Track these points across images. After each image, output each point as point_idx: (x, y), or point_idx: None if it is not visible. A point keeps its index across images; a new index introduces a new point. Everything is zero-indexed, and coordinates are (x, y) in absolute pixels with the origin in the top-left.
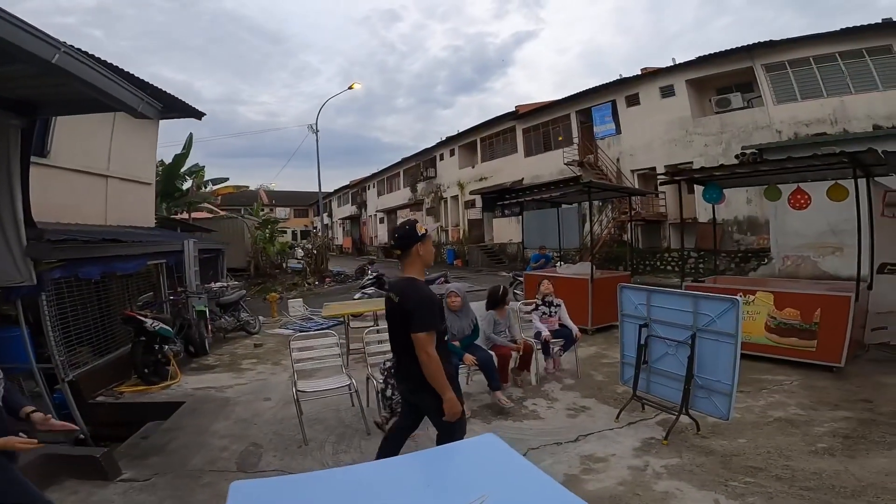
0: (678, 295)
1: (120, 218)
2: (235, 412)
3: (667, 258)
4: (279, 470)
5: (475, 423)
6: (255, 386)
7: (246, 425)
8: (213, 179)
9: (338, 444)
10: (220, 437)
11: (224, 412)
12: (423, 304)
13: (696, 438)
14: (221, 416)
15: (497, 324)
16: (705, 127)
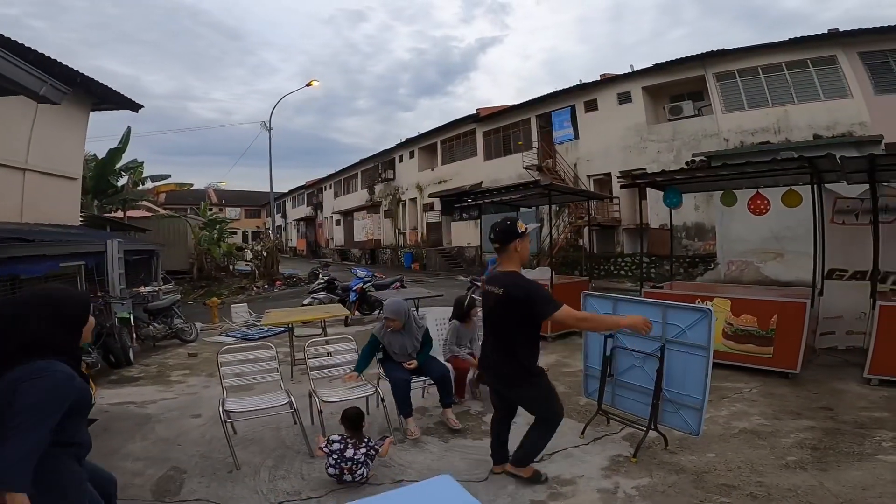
0: (646, 304)
1: (39, 215)
2: (156, 431)
3: (620, 263)
4: (203, 499)
5: (431, 444)
6: (183, 401)
7: (168, 446)
8: (153, 176)
9: (275, 468)
10: (133, 460)
11: (142, 431)
12: (536, 290)
13: (664, 454)
14: (139, 436)
15: (462, 336)
16: (659, 134)
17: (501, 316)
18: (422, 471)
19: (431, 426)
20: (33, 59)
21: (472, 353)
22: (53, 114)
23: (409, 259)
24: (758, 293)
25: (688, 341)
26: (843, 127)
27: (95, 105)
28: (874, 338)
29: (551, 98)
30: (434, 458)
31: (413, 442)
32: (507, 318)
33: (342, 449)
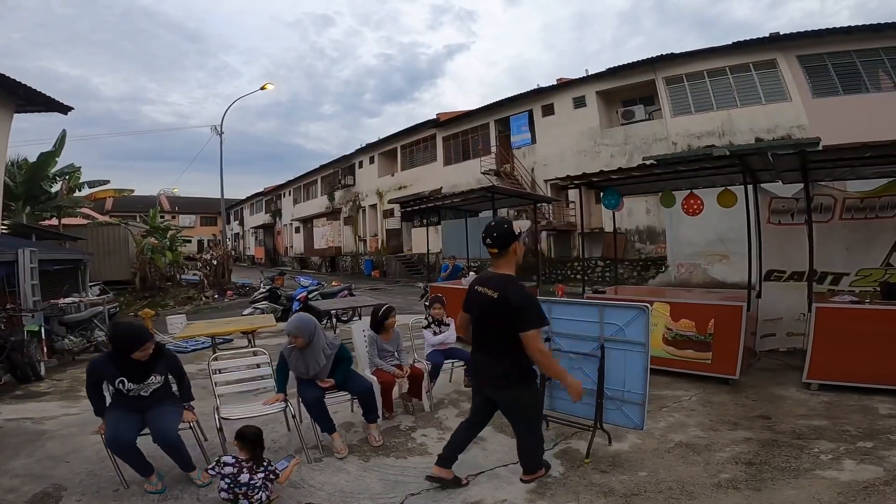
0: (582, 305)
1: None
2: (46, 447)
3: (576, 267)
4: None
5: (350, 462)
6: (86, 417)
7: (53, 463)
8: (91, 182)
9: (169, 488)
10: (11, 477)
11: (30, 448)
12: (532, 302)
13: (595, 474)
14: (24, 453)
15: (382, 347)
16: (612, 138)
17: (496, 317)
18: (333, 493)
19: (355, 443)
20: None
21: (400, 364)
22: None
23: (370, 266)
24: (696, 297)
25: (626, 339)
26: (783, 130)
27: (20, 106)
28: (811, 341)
29: (510, 102)
30: (350, 478)
31: (331, 460)
32: (503, 320)
33: (235, 473)
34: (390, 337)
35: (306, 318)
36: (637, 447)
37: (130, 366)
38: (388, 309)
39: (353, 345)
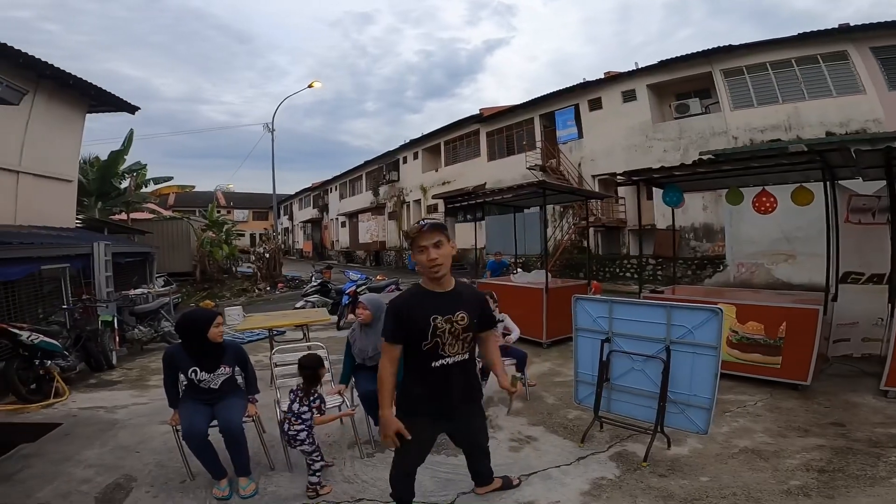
0: (648, 306)
1: (33, 217)
2: (118, 437)
3: (626, 265)
4: None
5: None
6: (155, 406)
7: (125, 453)
8: (156, 178)
9: (231, 481)
10: (86, 467)
11: (103, 437)
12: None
13: (652, 478)
14: (98, 443)
15: None
16: (664, 132)
17: None
18: (385, 490)
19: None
20: (25, 61)
21: None
22: (48, 116)
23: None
24: (766, 299)
25: (695, 341)
26: (857, 124)
27: (92, 107)
28: (892, 347)
29: (555, 97)
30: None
31: (382, 456)
32: None
33: (291, 400)
34: None
35: (380, 299)
36: (698, 452)
37: (202, 355)
38: None
39: None
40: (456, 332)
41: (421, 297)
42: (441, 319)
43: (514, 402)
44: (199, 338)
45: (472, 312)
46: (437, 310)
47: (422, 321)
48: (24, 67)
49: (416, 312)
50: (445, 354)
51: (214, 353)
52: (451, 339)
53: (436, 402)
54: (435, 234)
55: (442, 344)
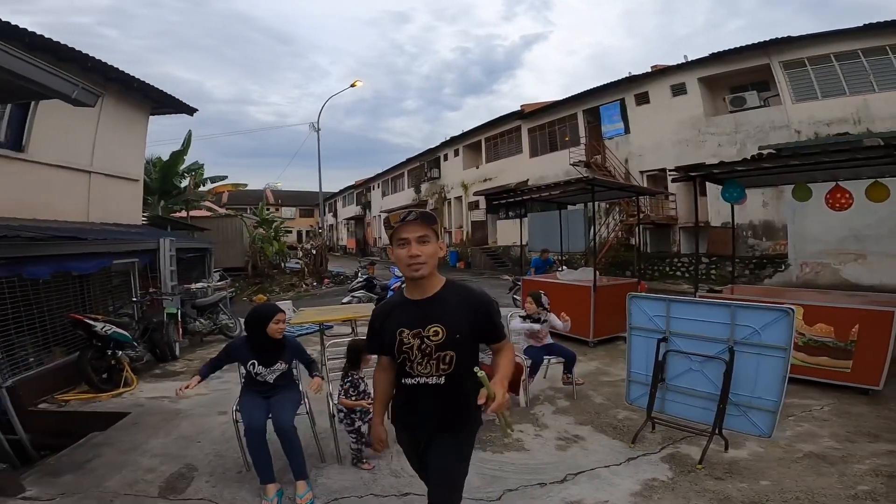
0: (710, 305)
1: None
2: (181, 427)
3: (676, 264)
4: (206, 499)
5: None
6: (214, 397)
7: (187, 443)
8: (212, 177)
9: (283, 472)
10: (151, 456)
11: (167, 427)
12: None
13: (708, 480)
14: (163, 432)
15: None
16: (719, 126)
17: None
18: None
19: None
20: (92, 65)
21: None
22: (115, 118)
23: (455, 258)
24: (836, 300)
25: (761, 342)
26: None
27: (155, 109)
28: None
29: (599, 92)
30: None
31: None
32: None
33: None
34: None
35: None
36: (758, 455)
37: (262, 349)
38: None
39: None
40: (427, 349)
41: (395, 304)
42: (408, 333)
43: (560, 401)
44: (260, 332)
45: (454, 325)
46: (406, 321)
47: (388, 334)
48: (91, 71)
49: (387, 322)
50: (414, 374)
51: (273, 348)
52: (419, 356)
53: (412, 417)
54: (421, 228)
55: (409, 362)
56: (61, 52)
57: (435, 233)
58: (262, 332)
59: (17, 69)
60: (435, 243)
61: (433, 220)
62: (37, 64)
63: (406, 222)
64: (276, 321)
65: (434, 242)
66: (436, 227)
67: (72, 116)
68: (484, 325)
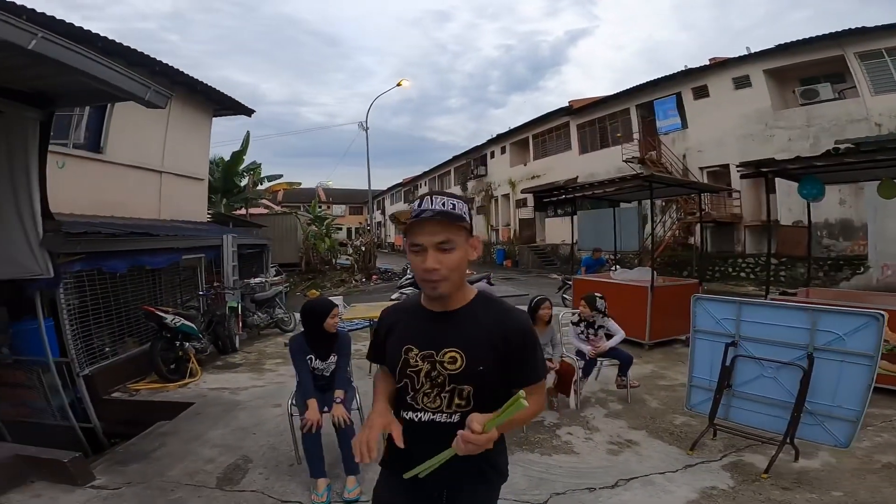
0: (787, 309)
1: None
2: (239, 418)
3: (740, 264)
4: (259, 491)
5: None
6: (270, 389)
7: (244, 434)
8: (269, 176)
9: (334, 466)
10: (211, 447)
11: (227, 417)
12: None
13: (774, 490)
14: (222, 422)
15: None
16: (788, 120)
17: None
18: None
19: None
20: (160, 69)
21: (551, 359)
22: (182, 120)
23: (501, 256)
24: None
25: (845, 349)
26: None
27: (216, 111)
28: None
29: (652, 86)
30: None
31: None
32: None
33: None
34: (545, 330)
35: (489, 288)
36: (830, 466)
37: (318, 344)
38: (541, 300)
39: None
40: (438, 378)
41: (405, 311)
42: (416, 354)
43: (612, 404)
44: (317, 327)
45: (477, 354)
46: (416, 338)
47: (394, 346)
48: (159, 75)
49: (391, 334)
50: (417, 406)
51: (328, 342)
52: (426, 385)
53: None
54: (441, 230)
55: (412, 389)
56: (131, 56)
57: (464, 231)
58: (319, 326)
59: (96, 73)
60: (463, 247)
61: (459, 217)
62: (113, 67)
63: (420, 220)
64: (332, 316)
65: (461, 246)
66: (465, 224)
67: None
68: (515, 360)
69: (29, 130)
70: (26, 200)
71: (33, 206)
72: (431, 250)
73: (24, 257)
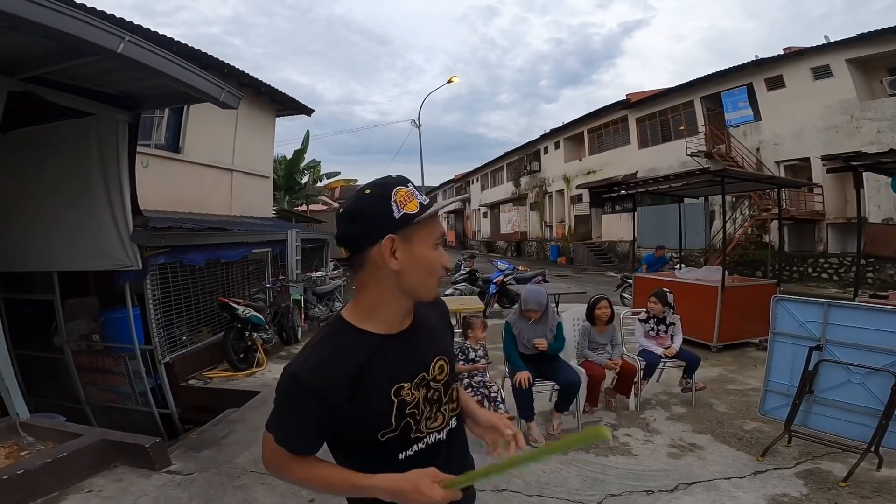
0: (879, 312)
1: (243, 209)
2: None
3: (822, 265)
4: None
5: None
6: None
7: None
8: (327, 174)
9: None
10: None
11: None
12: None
13: (851, 499)
14: None
15: (594, 339)
16: (877, 111)
17: None
18: (529, 483)
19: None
20: (229, 71)
21: (611, 359)
22: (249, 121)
23: (556, 252)
24: None
25: None
26: None
27: (279, 111)
28: None
29: (719, 77)
30: (547, 469)
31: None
32: None
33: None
34: (605, 330)
35: (541, 290)
36: None
37: None
38: (598, 299)
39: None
40: (435, 395)
41: (361, 349)
42: (410, 387)
43: (675, 407)
44: None
45: (450, 350)
46: (401, 371)
47: (376, 398)
48: (228, 77)
49: (360, 385)
50: (423, 435)
51: None
52: (427, 410)
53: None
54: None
55: (415, 423)
56: (203, 60)
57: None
58: None
59: (178, 75)
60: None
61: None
62: (192, 69)
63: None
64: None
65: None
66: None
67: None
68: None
69: (119, 131)
70: (118, 198)
71: (124, 203)
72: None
73: (115, 250)
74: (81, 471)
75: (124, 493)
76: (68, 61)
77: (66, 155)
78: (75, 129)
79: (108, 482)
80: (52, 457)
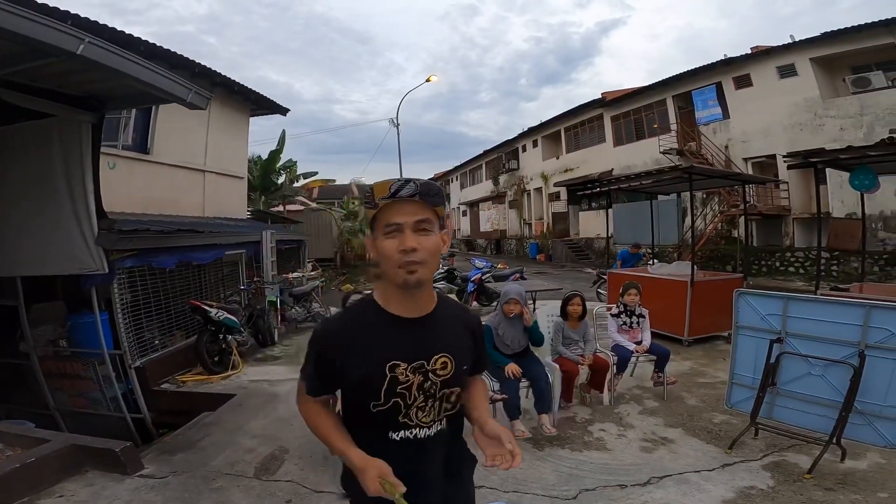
0: (839, 305)
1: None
2: (277, 410)
3: (788, 259)
4: (293, 482)
5: (524, 450)
6: None
7: (281, 426)
8: (304, 174)
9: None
10: (251, 437)
11: (266, 409)
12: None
13: (816, 491)
14: (262, 414)
15: (568, 335)
16: (840, 109)
17: None
18: (505, 479)
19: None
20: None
21: (583, 354)
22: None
23: (535, 250)
24: None
25: None
26: None
27: (254, 111)
28: None
29: (690, 76)
30: (523, 465)
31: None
32: None
33: None
34: (578, 326)
35: (520, 287)
36: (879, 467)
37: None
38: (570, 295)
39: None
40: (431, 388)
41: (369, 325)
42: (405, 368)
43: (648, 401)
44: None
45: (462, 354)
46: (400, 351)
47: (371, 367)
48: (199, 76)
49: (354, 354)
50: (412, 423)
51: None
52: (420, 399)
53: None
54: (420, 210)
55: (405, 407)
56: (172, 59)
57: (439, 218)
58: None
59: (141, 76)
60: (438, 234)
61: (440, 199)
62: (157, 70)
63: (398, 199)
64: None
65: (437, 232)
66: (441, 210)
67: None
68: (478, 352)
69: (82, 133)
70: (82, 200)
71: (88, 206)
72: (409, 231)
73: (81, 253)
74: (52, 476)
75: (96, 497)
76: (28, 62)
77: (29, 157)
78: (37, 131)
79: (80, 487)
80: (20, 462)
